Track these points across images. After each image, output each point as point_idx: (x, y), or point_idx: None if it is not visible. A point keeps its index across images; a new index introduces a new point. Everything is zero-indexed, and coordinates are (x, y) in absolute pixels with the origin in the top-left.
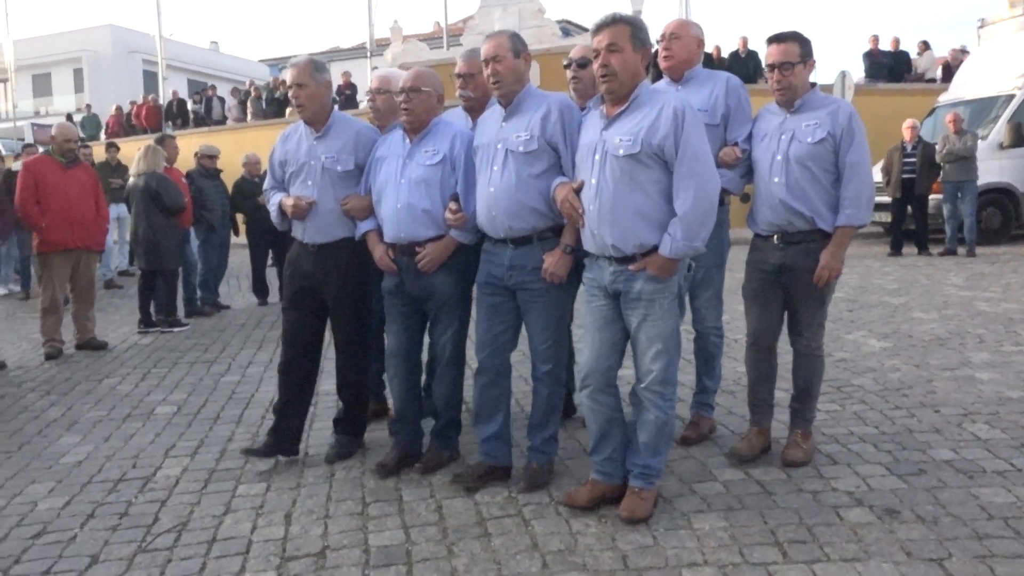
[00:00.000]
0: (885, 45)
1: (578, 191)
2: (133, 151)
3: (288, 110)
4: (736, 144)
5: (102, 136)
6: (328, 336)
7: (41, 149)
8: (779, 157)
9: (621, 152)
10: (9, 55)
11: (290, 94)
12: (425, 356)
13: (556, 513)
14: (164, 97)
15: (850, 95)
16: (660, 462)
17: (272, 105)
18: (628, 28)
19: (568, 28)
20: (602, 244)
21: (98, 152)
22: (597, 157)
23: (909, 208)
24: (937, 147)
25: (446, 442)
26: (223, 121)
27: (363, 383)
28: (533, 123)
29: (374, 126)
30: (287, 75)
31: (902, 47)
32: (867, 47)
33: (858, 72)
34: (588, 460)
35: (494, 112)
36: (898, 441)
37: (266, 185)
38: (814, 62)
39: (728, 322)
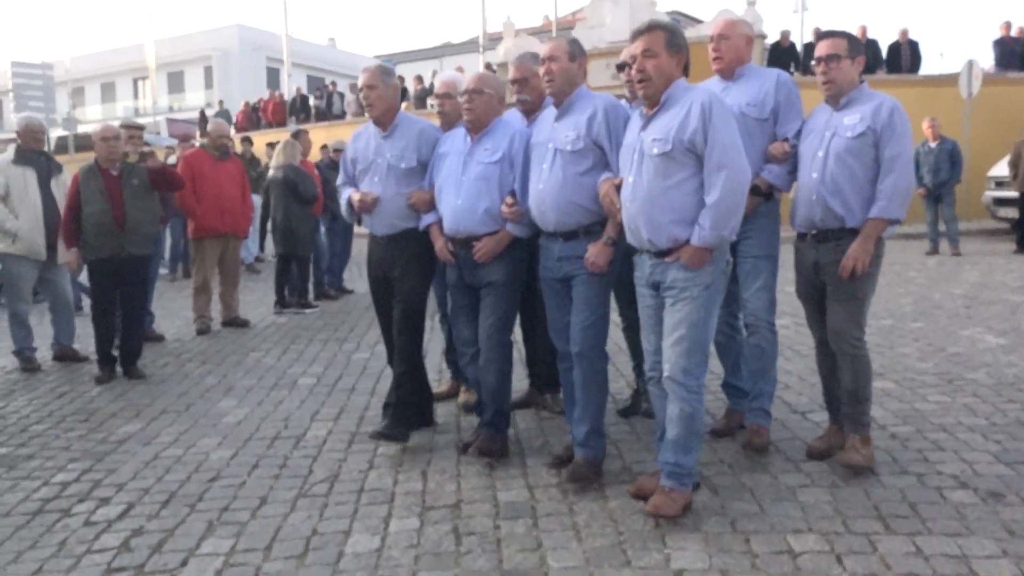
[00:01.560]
0: (1017, 32)
1: (619, 187)
2: (262, 144)
3: (404, 104)
4: (786, 139)
5: (231, 131)
6: (430, 311)
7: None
8: (820, 153)
9: (655, 151)
10: (151, 55)
11: (361, 95)
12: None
13: None
14: (288, 93)
15: (977, 85)
16: (691, 460)
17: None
18: (663, 34)
19: (679, 19)
20: (640, 239)
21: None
22: (635, 156)
23: None
24: None
25: (496, 430)
26: (343, 115)
27: (415, 366)
28: (580, 123)
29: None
30: (360, 79)
31: None
32: (998, 34)
33: (988, 61)
34: (630, 474)
35: (549, 113)
36: (1008, 432)
37: (339, 181)
38: (863, 59)
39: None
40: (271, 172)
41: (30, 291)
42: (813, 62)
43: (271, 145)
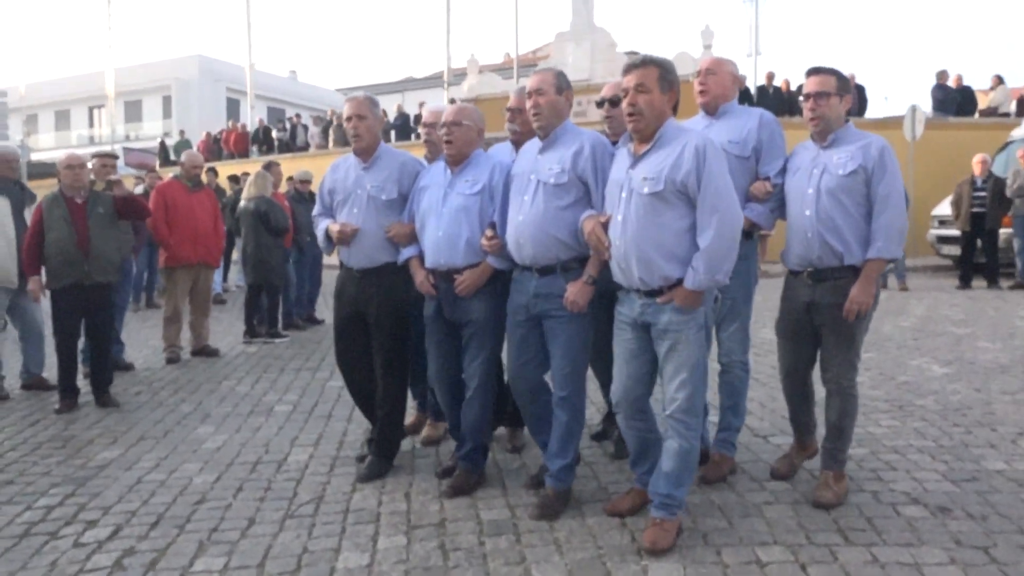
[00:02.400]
0: (954, 81)
1: (605, 225)
2: (224, 175)
3: None
4: (768, 178)
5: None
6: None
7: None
8: (811, 190)
9: (646, 190)
10: (110, 83)
11: (348, 124)
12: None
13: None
14: (251, 124)
15: (920, 128)
16: (682, 493)
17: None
18: (657, 70)
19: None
20: (630, 278)
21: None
22: (624, 194)
23: (979, 241)
24: (1008, 181)
25: (474, 465)
26: (306, 147)
27: (399, 404)
28: (566, 158)
29: (421, 158)
30: (346, 108)
31: (967, 83)
32: (935, 82)
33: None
34: (606, 493)
35: (533, 144)
36: (954, 453)
37: (315, 211)
38: (851, 97)
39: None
40: (242, 203)
41: (2, 319)
42: (801, 98)
43: (233, 178)
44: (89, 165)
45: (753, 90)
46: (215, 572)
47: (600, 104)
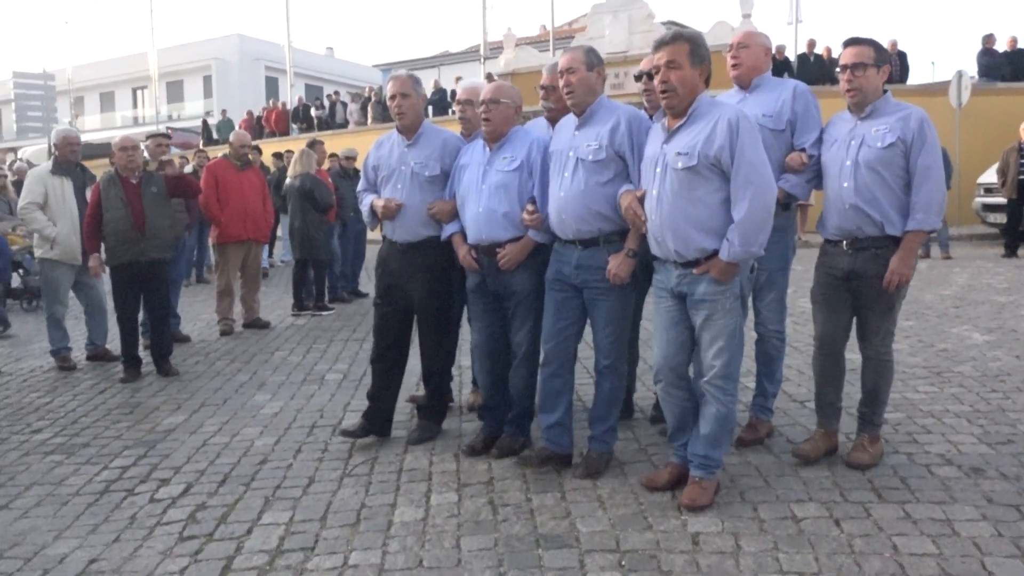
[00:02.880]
0: (1002, 46)
1: (642, 199)
2: (267, 153)
3: None
4: (803, 150)
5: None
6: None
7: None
8: (848, 162)
9: (680, 165)
10: (153, 65)
11: (392, 103)
12: None
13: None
14: (291, 103)
15: (967, 95)
16: (720, 454)
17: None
18: (687, 45)
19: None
20: (666, 250)
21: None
22: (658, 169)
23: None
24: None
25: (519, 430)
26: (345, 124)
27: (447, 374)
28: (603, 134)
29: (460, 135)
30: (390, 87)
31: (1020, 46)
32: (981, 47)
33: (973, 72)
34: (646, 455)
35: (568, 121)
36: (991, 417)
37: (360, 187)
38: (889, 67)
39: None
40: (288, 180)
41: (67, 294)
42: (838, 69)
43: (277, 155)
44: (143, 146)
45: (794, 58)
46: (281, 524)
47: (639, 78)
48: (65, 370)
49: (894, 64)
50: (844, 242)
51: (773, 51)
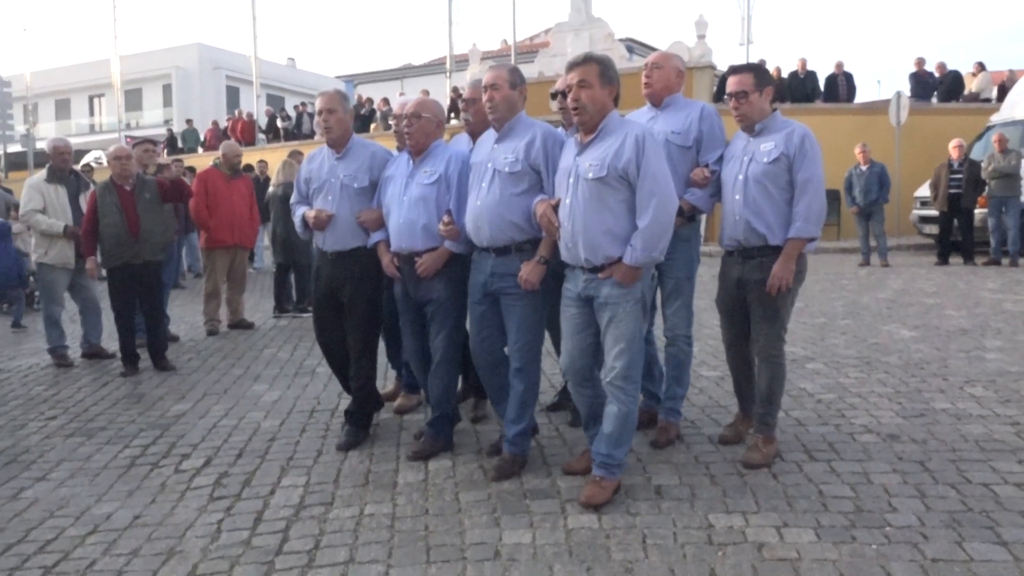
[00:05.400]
0: (931, 67)
1: (555, 208)
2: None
3: (372, 126)
4: (707, 166)
5: (199, 149)
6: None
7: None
8: (740, 176)
9: (591, 175)
10: (115, 72)
11: (319, 118)
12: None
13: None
14: (258, 114)
15: (905, 114)
16: (622, 453)
17: (357, 121)
18: (597, 67)
19: (632, 46)
20: (576, 255)
21: (200, 162)
22: (571, 180)
23: (956, 221)
24: (983, 164)
25: (439, 432)
26: (312, 135)
27: (372, 378)
28: (519, 148)
29: (390, 148)
30: (318, 103)
31: (954, 67)
32: (913, 69)
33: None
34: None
35: (489, 135)
36: (908, 397)
37: (292, 200)
38: (771, 89)
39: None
40: (271, 189)
41: (63, 295)
42: (726, 97)
43: (247, 167)
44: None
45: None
46: (299, 487)
47: (554, 96)
48: (63, 367)
49: (840, 84)
50: (736, 251)
51: (684, 72)
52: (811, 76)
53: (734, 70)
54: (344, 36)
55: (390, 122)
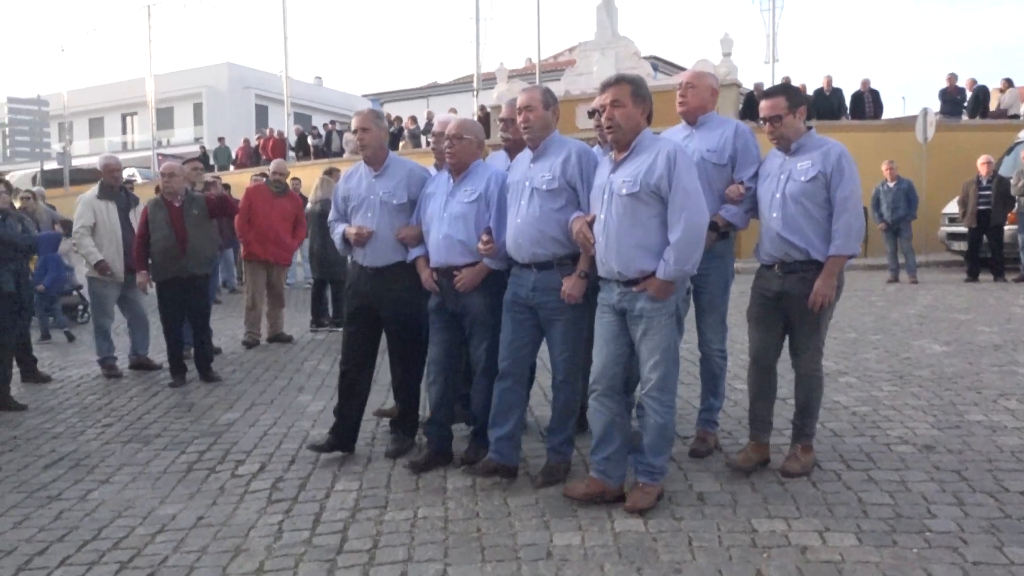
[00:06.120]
0: (968, 84)
1: (591, 224)
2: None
3: (401, 143)
4: (742, 182)
5: (230, 167)
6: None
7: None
8: (778, 195)
9: (624, 192)
10: (150, 91)
11: (355, 137)
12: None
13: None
14: (288, 132)
15: (932, 131)
16: (662, 461)
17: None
18: (629, 87)
19: (657, 64)
20: (610, 270)
21: (232, 180)
22: (606, 196)
23: (985, 238)
24: (1012, 181)
25: (485, 441)
26: (341, 153)
27: (417, 389)
28: (555, 166)
29: (428, 166)
30: (353, 122)
31: (984, 83)
32: (944, 85)
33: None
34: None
35: (525, 155)
36: (943, 409)
37: (331, 217)
38: (804, 109)
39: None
40: (309, 206)
41: (113, 308)
42: (760, 122)
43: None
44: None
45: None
46: (353, 491)
47: (591, 115)
48: (112, 377)
49: (866, 101)
50: (775, 266)
51: (718, 91)
52: (837, 93)
53: (766, 94)
54: (371, 55)
55: (429, 140)
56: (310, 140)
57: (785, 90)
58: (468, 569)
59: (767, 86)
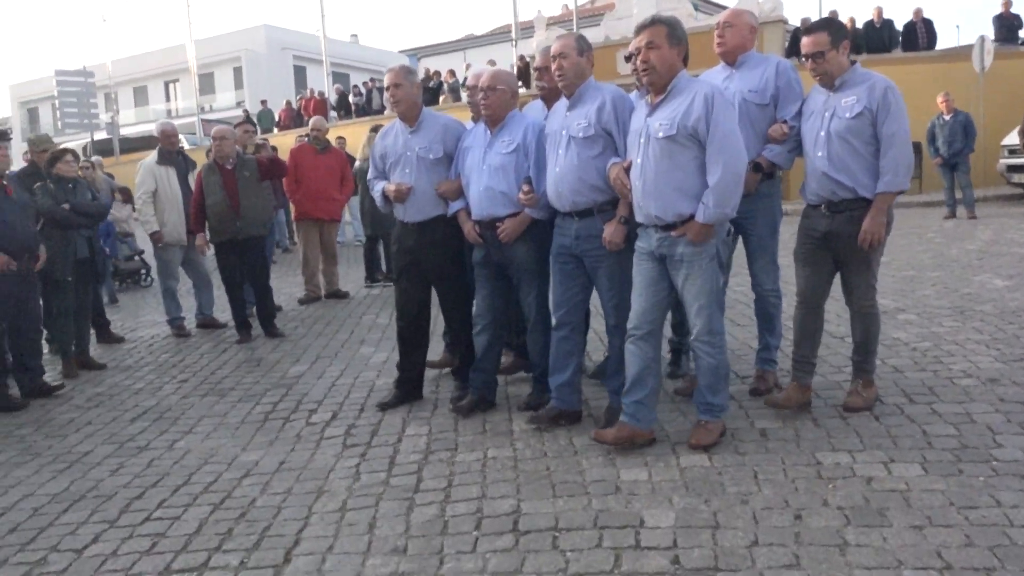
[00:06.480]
0: (1020, 8)
1: (628, 169)
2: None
3: (441, 98)
4: (785, 121)
5: (274, 129)
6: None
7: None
8: (822, 133)
9: (661, 135)
10: (191, 58)
11: (387, 93)
12: None
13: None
14: (328, 91)
15: (989, 59)
16: (720, 399)
17: (425, 94)
18: (665, 28)
19: (698, 3)
20: (648, 215)
21: (276, 141)
22: (642, 140)
23: None
24: None
25: (546, 386)
26: (382, 110)
27: (471, 338)
28: (591, 112)
29: (461, 120)
30: (385, 79)
31: None
32: (998, 11)
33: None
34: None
35: (561, 105)
36: (1006, 343)
37: (370, 175)
38: (848, 43)
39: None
40: (358, 163)
41: (177, 271)
42: (802, 59)
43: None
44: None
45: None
46: (423, 435)
47: (627, 59)
48: (181, 336)
49: (919, 32)
50: (822, 206)
51: (757, 28)
52: (888, 25)
53: (807, 30)
54: (405, 9)
55: (462, 94)
56: (351, 99)
57: (827, 24)
58: (540, 504)
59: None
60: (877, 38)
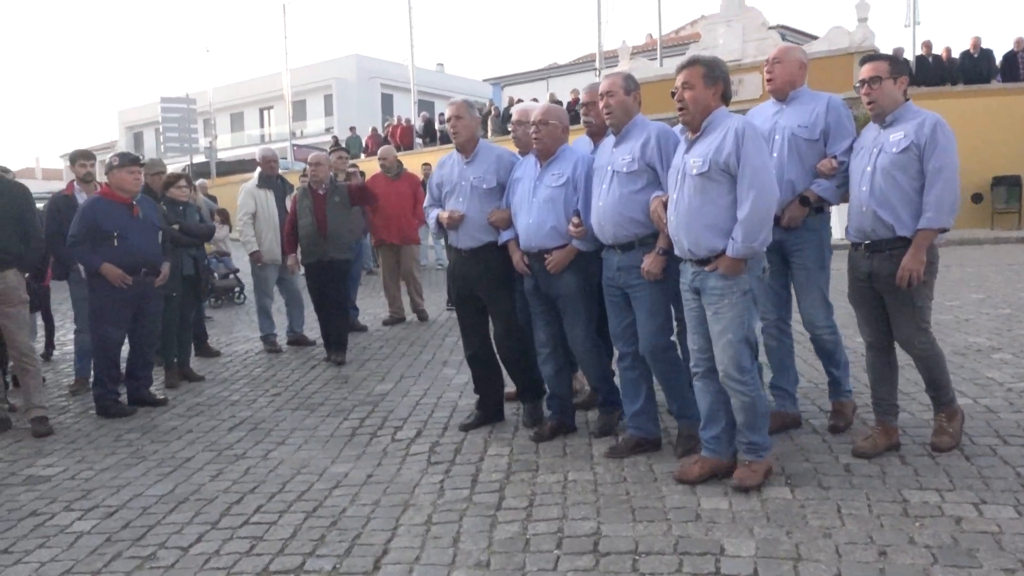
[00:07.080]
0: None
1: (666, 204)
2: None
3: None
4: (834, 157)
5: (361, 155)
6: None
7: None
8: (868, 168)
9: (694, 171)
10: (287, 85)
11: (448, 125)
12: None
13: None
14: (415, 120)
15: None
16: (760, 437)
17: (508, 122)
18: (701, 68)
19: (786, 33)
20: (682, 249)
21: (369, 167)
22: (679, 176)
23: None
24: None
25: (611, 407)
26: None
27: (528, 358)
28: (635, 148)
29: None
30: (447, 111)
31: None
32: None
33: None
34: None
35: (609, 140)
36: None
37: (426, 203)
38: (906, 79)
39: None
40: None
41: (272, 289)
42: (857, 84)
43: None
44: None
45: (912, 60)
46: (504, 456)
47: (674, 94)
48: (273, 352)
49: (1021, 61)
50: (863, 245)
51: (807, 64)
52: (986, 55)
53: (869, 59)
54: (491, 39)
55: (508, 127)
56: (437, 126)
57: (889, 57)
58: (620, 527)
59: (907, 52)
60: (974, 68)
